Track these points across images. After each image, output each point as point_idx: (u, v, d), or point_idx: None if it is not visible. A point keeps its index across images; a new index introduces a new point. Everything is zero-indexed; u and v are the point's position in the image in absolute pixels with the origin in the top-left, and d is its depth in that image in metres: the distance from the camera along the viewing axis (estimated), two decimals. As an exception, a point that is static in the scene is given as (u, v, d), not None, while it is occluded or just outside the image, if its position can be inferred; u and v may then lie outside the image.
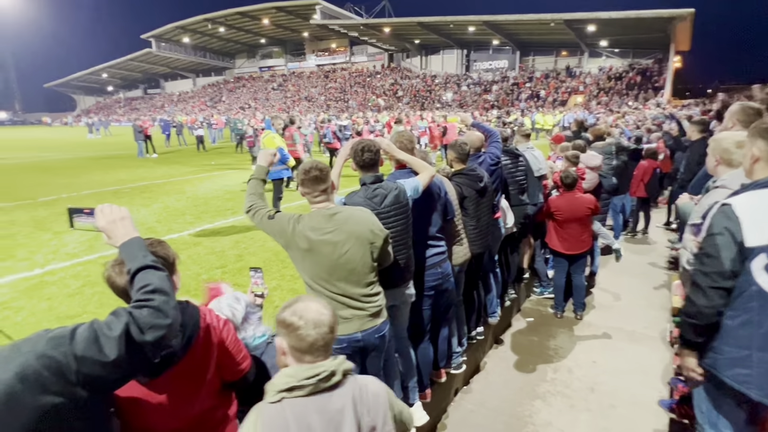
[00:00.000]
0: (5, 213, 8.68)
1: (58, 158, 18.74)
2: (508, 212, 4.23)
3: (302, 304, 1.31)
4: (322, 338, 1.27)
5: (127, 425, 1.38)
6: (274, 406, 1.23)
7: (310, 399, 1.24)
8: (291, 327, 1.27)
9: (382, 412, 1.33)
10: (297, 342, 1.27)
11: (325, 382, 1.25)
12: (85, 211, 1.42)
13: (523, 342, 4.22)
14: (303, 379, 1.23)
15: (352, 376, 1.33)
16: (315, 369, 1.25)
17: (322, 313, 1.29)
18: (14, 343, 0.99)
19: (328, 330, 1.28)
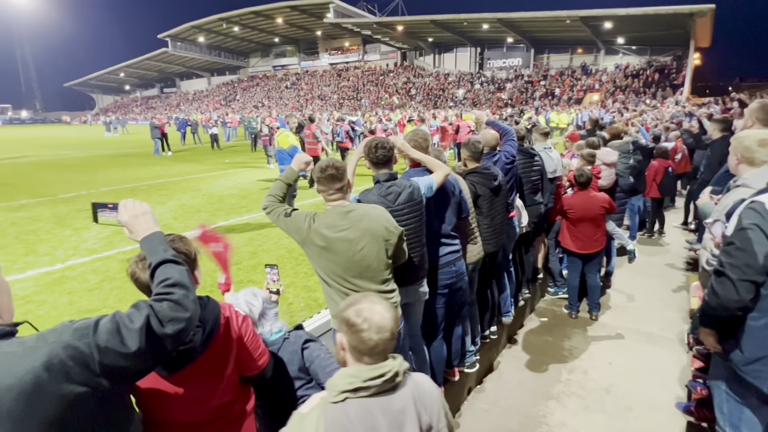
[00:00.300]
0: (27, 209, 8.91)
1: (77, 156, 19.15)
2: (523, 211, 4.21)
3: (368, 305, 1.29)
4: (383, 343, 1.26)
5: (148, 418, 1.42)
6: (336, 407, 1.22)
7: (374, 400, 1.24)
8: (354, 328, 1.26)
9: (437, 410, 1.33)
10: (358, 343, 1.26)
11: (389, 383, 1.25)
12: (108, 206, 1.45)
13: (537, 342, 4.19)
14: (368, 380, 1.23)
15: (408, 374, 1.34)
16: (379, 370, 1.24)
17: (385, 317, 1.27)
18: (41, 334, 1.02)
19: (390, 336, 1.27)
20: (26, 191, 10.83)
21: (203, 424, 1.49)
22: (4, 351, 0.96)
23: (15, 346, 0.98)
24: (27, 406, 0.92)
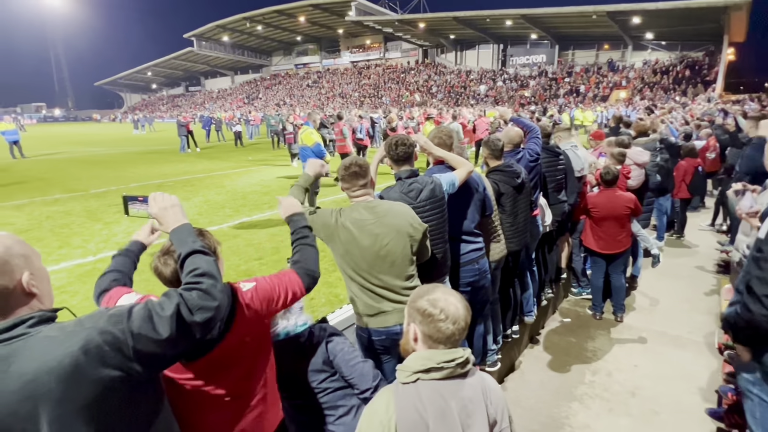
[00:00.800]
0: (61, 204, 9.26)
1: (107, 153, 19.79)
2: (546, 210, 4.15)
3: (442, 295, 1.33)
4: (459, 332, 1.30)
5: (174, 404, 1.45)
6: (408, 387, 1.25)
7: (445, 383, 1.26)
8: (431, 318, 1.29)
9: (501, 408, 1.34)
10: (435, 333, 1.29)
11: (461, 367, 1.28)
12: (139, 198, 1.51)
13: (560, 343, 4.14)
14: (442, 362, 1.25)
15: (476, 367, 1.36)
16: (452, 354, 1.28)
17: (459, 307, 1.31)
18: (78, 319, 1.07)
19: (464, 325, 1.31)
20: (60, 186, 11.26)
21: (229, 406, 1.51)
22: (46, 335, 1.01)
23: (55, 330, 1.02)
24: (66, 387, 0.96)
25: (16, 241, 1.07)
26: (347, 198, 2.29)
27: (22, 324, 1.01)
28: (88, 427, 1.00)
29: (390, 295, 2.19)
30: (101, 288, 1.61)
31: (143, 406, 1.14)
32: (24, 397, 0.95)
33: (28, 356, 0.97)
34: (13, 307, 1.03)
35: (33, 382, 0.95)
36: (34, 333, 1.01)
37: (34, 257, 1.10)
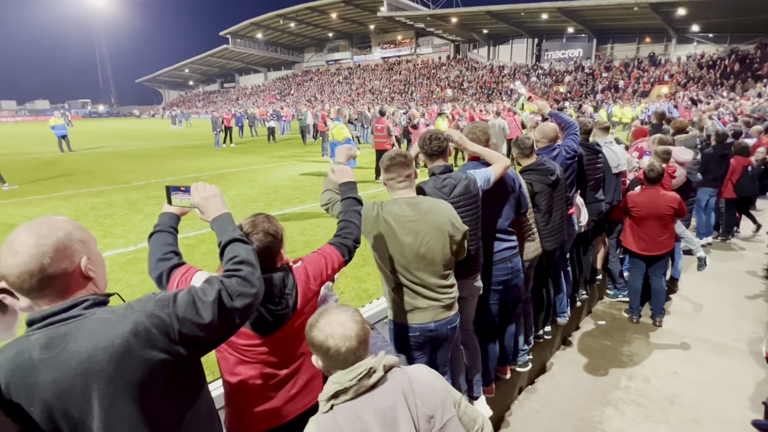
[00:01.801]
0: (104, 195, 9.71)
1: (146, 147, 20.57)
2: (583, 209, 4.03)
3: (328, 317, 1.28)
4: (352, 351, 1.25)
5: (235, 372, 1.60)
6: (326, 416, 1.23)
7: (357, 401, 1.22)
8: (320, 346, 1.26)
9: (440, 400, 1.29)
10: (328, 359, 1.27)
11: (366, 379, 1.23)
12: (181, 188, 1.56)
13: (594, 345, 4.02)
14: (345, 381, 1.22)
15: (399, 369, 1.31)
16: (355, 370, 1.23)
17: (347, 326, 1.26)
18: (128, 303, 1.12)
19: (357, 342, 1.25)
20: (103, 179, 11.81)
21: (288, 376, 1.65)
22: (100, 317, 1.06)
23: (108, 313, 1.08)
24: (117, 367, 1.02)
25: (75, 227, 1.12)
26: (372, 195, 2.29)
27: (78, 305, 1.07)
28: (134, 404, 1.05)
29: (426, 293, 2.19)
30: (162, 269, 1.55)
31: (186, 388, 1.18)
32: (79, 374, 1.00)
33: (84, 336, 1.03)
34: (71, 289, 1.09)
35: (88, 360, 1.01)
36: (89, 314, 1.06)
37: (92, 243, 1.16)
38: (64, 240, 1.07)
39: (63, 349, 1.01)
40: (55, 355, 1.01)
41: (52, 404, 1.01)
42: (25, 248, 1.02)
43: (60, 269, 1.05)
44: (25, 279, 1.02)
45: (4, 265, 1.03)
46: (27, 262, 1.02)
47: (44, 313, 1.05)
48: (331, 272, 1.72)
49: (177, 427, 1.16)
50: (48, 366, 1.01)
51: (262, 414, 1.63)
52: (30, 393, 1.01)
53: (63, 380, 1.00)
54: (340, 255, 1.75)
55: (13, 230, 1.06)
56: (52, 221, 1.09)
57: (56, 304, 1.07)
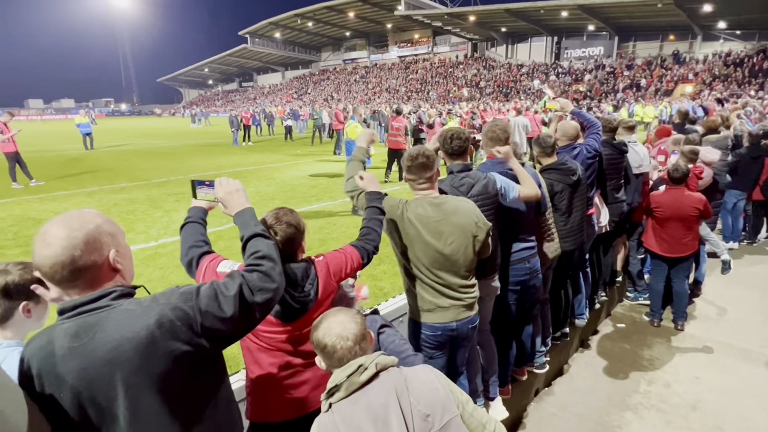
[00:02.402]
0: (126, 192, 9.93)
1: (167, 145, 20.97)
2: (603, 209, 3.96)
3: (326, 321, 1.34)
4: (348, 350, 1.29)
5: (258, 358, 1.65)
6: (326, 416, 1.27)
7: (351, 399, 1.25)
8: (319, 345, 1.32)
9: (439, 399, 1.28)
10: (326, 357, 1.32)
11: (357, 376, 1.25)
12: (206, 183, 1.58)
13: (613, 348, 3.95)
14: (338, 379, 1.26)
15: (395, 368, 1.32)
16: (348, 368, 1.27)
17: (346, 326, 1.31)
18: (153, 296, 1.15)
19: (353, 342, 1.30)
20: (125, 176, 12.07)
21: (309, 367, 1.68)
22: (126, 308, 1.09)
23: (134, 305, 1.11)
24: (142, 357, 1.04)
25: (105, 220, 1.15)
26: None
27: (106, 296, 1.10)
28: (158, 394, 1.08)
29: (448, 292, 2.18)
30: (193, 255, 1.61)
31: (207, 380, 1.21)
32: (106, 363, 1.04)
33: (112, 326, 1.06)
34: (100, 280, 1.12)
35: (115, 350, 1.04)
36: (116, 305, 1.09)
37: (120, 236, 1.19)
38: (93, 233, 1.09)
39: (92, 339, 1.04)
40: (84, 343, 1.04)
41: (81, 391, 1.04)
42: (57, 240, 1.05)
43: (90, 261, 1.08)
44: (57, 270, 1.06)
45: (37, 257, 1.06)
46: (59, 254, 1.05)
47: (74, 302, 1.09)
48: (349, 271, 1.77)
49: (199, 415, 1.18)
50: (78, 354, 1.04)
51: (286, 403, 1.66)
52: (60, 380, 1.04)
53: (91, 368, 1.04)
54: (359, 257, 1.81)
55: (46, 223, 1.09)
56: (83, 214, 1.12)
57: (86, 294, 1.10)
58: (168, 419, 1.10)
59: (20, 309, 1.42)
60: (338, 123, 16.15)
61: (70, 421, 1.07)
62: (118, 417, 1.07)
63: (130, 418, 1.06)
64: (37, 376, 1.06)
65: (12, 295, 1.39)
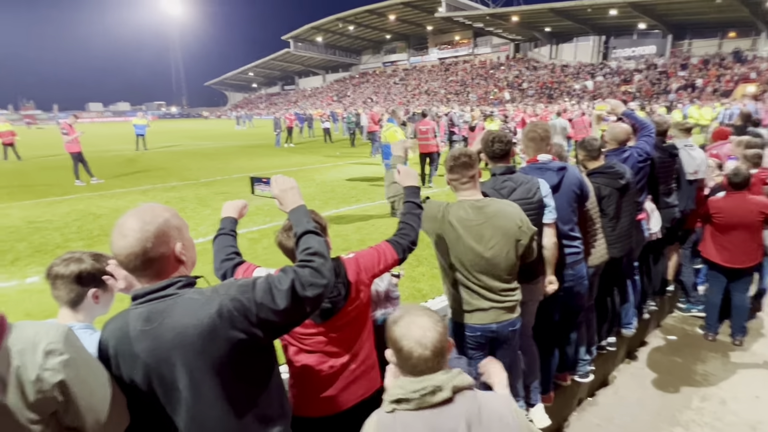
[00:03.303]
0: (176, 191, 10.46)
1: (213, 146, 21.89)
2: (654, 215, 3.79)
3: (409, 318, 1.25)
4: (424, 361, 1.20)
5: (295, 357, 1.68)
6: (388, 416, 1.22)
7: (418, 414, 1.18)
8: (394, 344, 1.24)
9: None
10: (399, 360, 1.24)
11: (430, 396, 1.18)
12: (263, 180, 1.67)
13: (663, 361, 3.77)
14: (409, 391, 1.18)
15: (471, 391, 1.23)
16: (422, 382, 1.19)
17: (427, 334, 1.21)
18: (214, 287, 1.23)
19: (431, 353, 1.20)
20: (176, 175, 12.72)
21: (344, 366, 1.71)
22: (190, 297, 1.18)
23: (197, 294, 1.20)
24: (204, 343, 1.13)
25: (173, 214, 1.25)
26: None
27: (173, 285, 1.20)
28: (217, 377, 1.17)
29: (488, 295, 2.17)
30: (227, 268, 1.74)
31: (261, 367, 1.29)
32: (173, 346, 1.13)
33: (178, 313, 1.15)
34: (167, 270, 1.22)
35: (181, 335, 1.13)
36: (182, 294, 1.19)
37: (185, 229, 1.28)
38: (163, 227, 1.19)
39: (161, 323, 1.14)
40: (154, 327, 1.14)
41: (151, 370, 1.15)
42: (131, 232, 1.15)
43: (159, 252, 1.18)
44: (131, 259, 1.16)
45: (114, 246, 1.17)
46: (133, 245, 1.15)
47: (146, 290, 1.19)
48: (383, 267, 1.76)
49: (253, 399, 1.26)
50: (149, 336, 1.14)
51: (321, 400, 1.71)
52: (134, 359, 1.15)
53: (160, 350, 1.14)
54: (394, 252, 1.78)
55: (123, 216, 1.20)
56: (154, 209, 1.22)
57: (154, 282, 1.20)
58: (226, 400, 1.19)
59: (90, 295, 1.56)
60: (374, 125, 16.31)
61: (141, 396, 1.18)
62: (181, 395, 1.16)
63: (192, 397, 1.16)
64: (113, 355, 1.18)
65: (84, 282, 1.53)
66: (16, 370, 0.94)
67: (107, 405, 1.10)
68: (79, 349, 1.07)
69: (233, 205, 1.91)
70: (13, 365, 0.94)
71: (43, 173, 13.42)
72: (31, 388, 0.95)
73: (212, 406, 1.19)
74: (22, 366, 0.95)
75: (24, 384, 0.95)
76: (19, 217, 8.04)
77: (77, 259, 1.54)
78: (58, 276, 1.52)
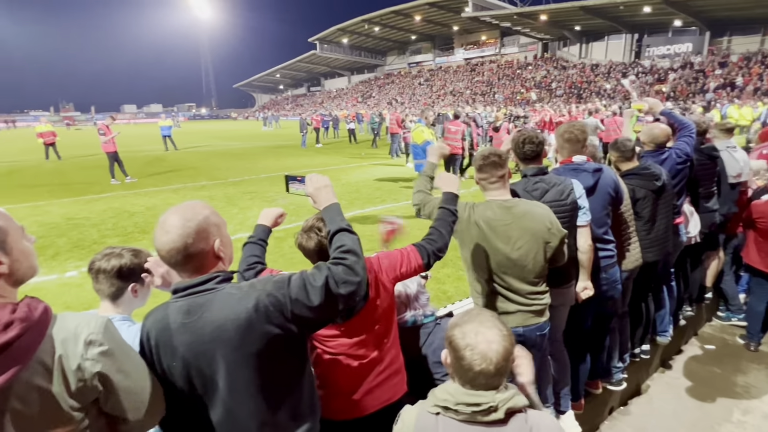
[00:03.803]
0: (206, 190, 10.72)
1: (241, 146, 22.35)
2: (692, 218, 3.64)
3: (476, 327, 1.18)
4: (485, 376, 1.15)
5: (319, 360, 1.67)
6: (430, 417, 1.19)
7: (465, 426, 1.14)
8: (456, 352, 1.18)
9: None
10: (458, 369, 1.19)
11: (482, 415, 1.13)
12: (298, 178, 1.68)
13: (700, 372, 3.61)
14: (461, 403, 1.14)
15: (523, 414, 1.17)
16: (475, 398, 1.14)
17: (492, 347, 1.15)
18: (250, 282, 1.26)
19: (495, 370, 1.14)
20: (205, 175, 13.04)
21: (368, 369, 1.68)
22: (228, 292, 1.22)
23: (235, 289, 1.23)
24: (241, 336, 1.16)
25: (212, 212, 1.29)
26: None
27: (212, 280, 1.23)
28: (253, 371, 1.20)
29: (515, 298, 2.13)
30: (248, 278, 1.76)
31: (295, 361, 1.31)
32: (212, 339, 1.17)
33: (217, 307, 1.18)
34: (206, 266, 1.26)
35: (219, 329, 1.17)
36: (220, 289, 1.22)
37: (223, 227, 1.32)
38: (203, 224, 1.23)
39: (200, 317, 1.18)
40: (194, 320, 1.18)
41: (190, 362, 1.19)
42: (174, 229, 1.20)
43: (198, 248, 1.22)
44: (173, 254, 1.20)
45: (157, 242, 1.21)
46: (175, 240, 1.19)
47: (186, 284, 1.23)
48: (406, 270, 1.70)
49: (287, 393, 1.29)
50: (188, 329, 1.18)
51: (343, 403, 1.68)
52: (174, 350, 1.20)
53: (199, 343, 1.18)
54: (419, 257, 1.71)
55: (165, 212, 1.24)
56: (195, 206, 1.26)
57: (194, 277, 1.24)
58: (260, 393, 1.22)
59: (129, 289, 1.62)
60: (396, 127, 16.38)
61: (179, 387, 1.22)
62: (218, 387, 1.20)
63: (227, 390, 1.19)
64: (155, 345, 1.22)
65: (124, 277, 1.61)
66: (59, 359, 0.98)
67: (145, 395, 1.13)
68: (118, 340, 1.10)
69: (270, 213, 1.93)
70: (57, 354, 0.98)
71: (82, 172, 14.00)
72: (72, 376, 0.99)
73: (247, 399, 1.21)
74: (64, 355, 0.98)
75: (66, 372, 0.98)
76: (58, 214, 8.40)
77: (117, 255, 1.62)
78: (100, 270, 1.59)
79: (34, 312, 0.98)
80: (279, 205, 8.22)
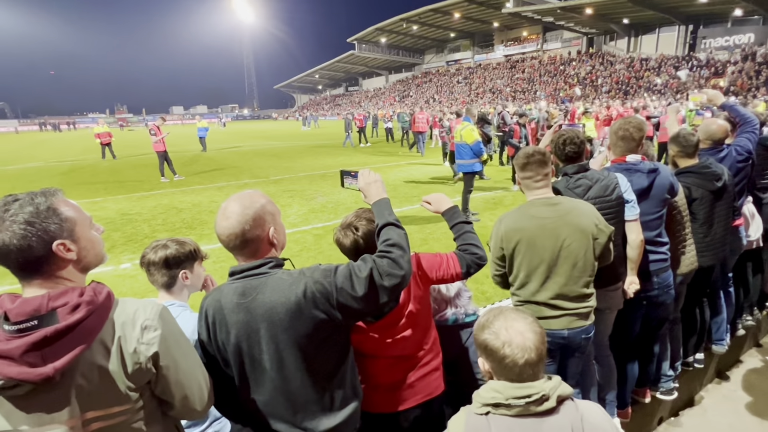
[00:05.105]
0: (248, 187, 10.99)
1: (281, 146, 22.94)
2: (753, 220, 3.40)
3: (504, 323, 1.19)
4: (531, 366, 1.15)
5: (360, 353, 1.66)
6: (480, 419, 1.17)
7: (518, 421, 1.14)
8: (494, 353, 1.18)
9: None
10: (501, 368, 1.18)
11: (536, 405, 1.13)
12: (351, 173, 1.72)
13: (761, 385, 3.37)
14: (511, 398, 1.14)
15: (571, 401, 1.18)
16: (525, 389, 1.14)
17: (527, 336, 1.16)
18: (300, 270, 1.31)
19: (537, 356, 1.16)
20: (247, 173, 13.48)
21: (404, 367, 1.67)
22: (280, 277, 1.29)
23: (286, 275, 1.29)
24: (290, 319, 1.24)
25: (268, 201, 1.37)
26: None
27: (265, 265, 1.31)
28: (300, 351, 1.28)
29: (560, 303, 2.05)
30: None
31: (338, 347, 1.36)
32: (263, 320, 1.26)
33: (269, 290, 1.26)
34: (261, 251, 1.34)
35: (271, 311, 1.25)
36: (272, 273, 1.30)
37: (278, 215, 1.39)
38: (259, 211, 1.31)
39: (254, 298, 1.26)
40: (248, 301, 1.27)
41: (242, 340, 1.28)
42: (233, 215, 1.29)
43: (255, 234, 1.30)
44: (232, 239, 1.29)
45: (218, 227, 1.31)
46: (234, 226, 1.28)
47: (242, 267, 1.32)
48: (443, 274, 1.68)
49: (330, 375, 1.35)
50: (243, 309, 1.27)
51: (379, 397, 1.67)
52: (228, 328, 1.29)
53: (252, 322, 1.26)
54: (458, 264, 1.68)
55: (227, 200, 1.34)
56: (253, 195, 1.35)
57: (249, 261, 1.32)
58: (305, 374, 1.29)
59: (180, 276, 1.73)
60: (421, 125, 16.63)
61: (231, 363, 1.31)
62: (266, 366, 1.28)
63: (275, 368, 1.28)
64: (212, 322, 1.33)
65: (172, 265, 1.74)
66: (119, 341, 1.05)
67: (195, 382, 1.19)
68: (173, 326, 1.16)
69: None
70: (116, 336, 1.06)
71: (134, 170, 14.83)
72: (129, 358, 1.06)
73: (293, 377, 1.29)
74: (123, 337, 1.06)
75: (124, 354, 1.05)
76: (114, 210, 8.94)
77: (163, 246, 1.76)
78: (150, 263, 1.72)
79: (99, 296, 1.06)
80: (317, 203, 8.38)
